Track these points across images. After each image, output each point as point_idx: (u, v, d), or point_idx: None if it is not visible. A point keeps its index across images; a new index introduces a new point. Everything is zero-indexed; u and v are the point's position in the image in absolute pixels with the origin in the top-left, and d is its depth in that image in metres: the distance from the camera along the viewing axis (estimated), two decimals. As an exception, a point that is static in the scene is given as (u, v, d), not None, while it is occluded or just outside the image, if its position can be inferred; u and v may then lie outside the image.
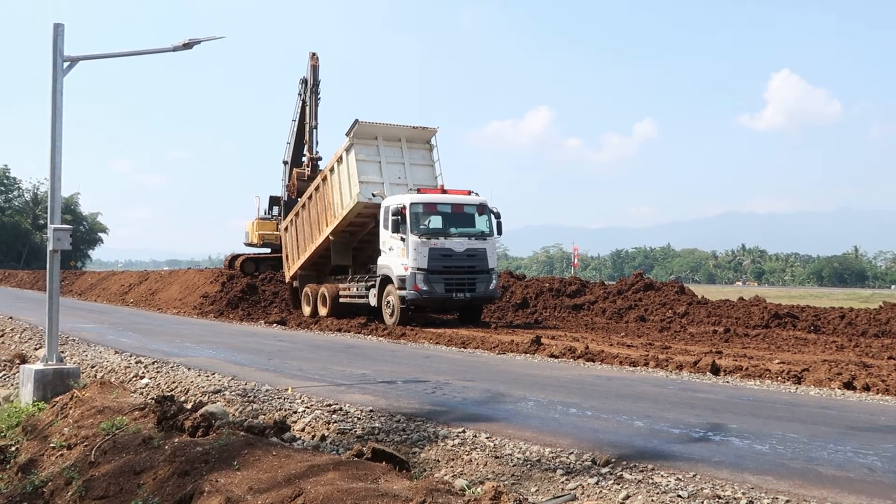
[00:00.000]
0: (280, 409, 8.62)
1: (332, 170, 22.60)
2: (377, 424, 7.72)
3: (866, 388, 10.24)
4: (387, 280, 20.48)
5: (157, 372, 11.72)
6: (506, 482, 6.02)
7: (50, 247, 9.23)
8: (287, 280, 26.67)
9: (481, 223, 20.52)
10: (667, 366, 12.38)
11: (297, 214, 25.13)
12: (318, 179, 23.64)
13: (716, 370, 11.75)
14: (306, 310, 24.39)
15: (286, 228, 26.31)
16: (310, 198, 24.11)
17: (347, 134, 21.58)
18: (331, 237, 22.60)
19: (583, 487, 5.78)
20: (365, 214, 21.68)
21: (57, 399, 8.69)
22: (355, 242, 23.01)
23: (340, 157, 22.01)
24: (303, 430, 7.87)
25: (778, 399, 9.46)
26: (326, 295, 23.28)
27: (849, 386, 10.39)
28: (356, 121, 21.42)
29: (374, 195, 20.94)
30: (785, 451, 6.58)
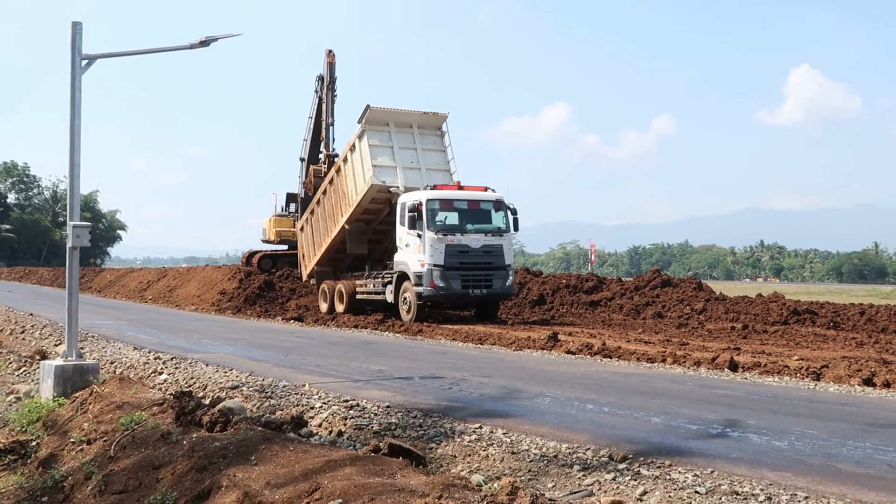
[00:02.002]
0: (297, 405, 8.66)
1: (345, 159, 22.69)
2: (394, 420, 7.73)
3: (886, 385, 10.15)
4: (403, 276, 20.51)
5: (176, 368, 11.80)
6: (522, 478, 6.01)
7: (69, 244, 9.30)
8: (304, 279, 26.76)
9: (498, 220, 20.49)
10: (684, 362, 12.33)
11: (311, 212, 25.22)
12: (332, 172, 23.71)
13: (734, 367, 11.69)
14: (323, 306, 24.46)
15: (302, 228, 26.38)
16: (324, 192, 24.19)
17: (359, 121, 21.68)
18: (346, 226, 22.60)
19: (600, 483, 5.77)
20: (379, 200, 21.71)
21: (77, 394, 8.76)
22: (371, 232, 23.03)
23: (353, 145, 22.10)
24: (320, 425, 7.90)
25: (797, 396, 9.40)
26: (343, 291, 23.33)
27: (868, 382, 10.30)
28: (367, 106, 21.52)
29: (389, 189, 20.98)
30: (804, 447, 6.53)
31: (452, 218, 20.36)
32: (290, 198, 34.58)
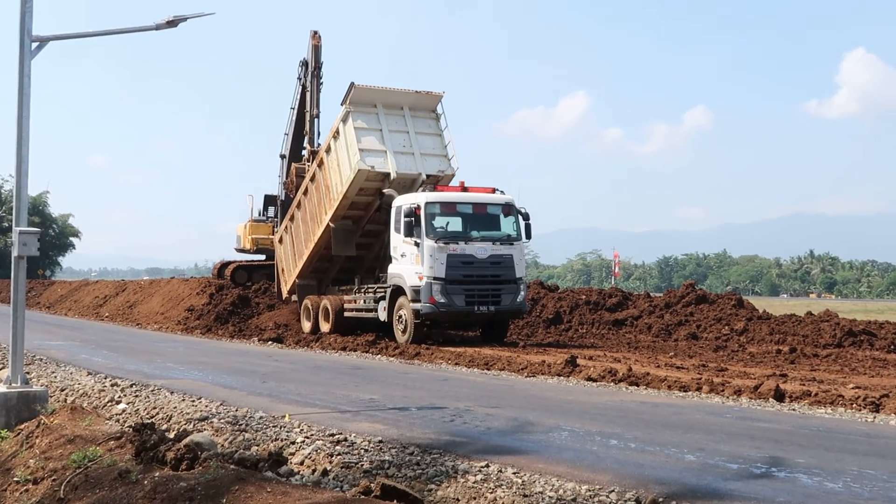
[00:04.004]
0: (276, 439, 8.64)
1: (328, 150, 22.77)
2: (387, 457, 7.71)
3: (957, 418, 10.12)
4: (398, 291, 20.50)
5: (136, 396, 11.78)
6: (536, 524, 5.99)
7: (15, 252, 9.31)
8: (284, 297, 26.74)
9: (507, 225, 20.50)
10: (723, 391, 12.30)
11: (291, 218, 25.25)
12: (314, 166, 23.76)
13: (780, 396, 11.66)
14: (306, 325, 24.46)
15: (280, 239, 26.40)
16: (305, 193, 24.24)
17: (343, 102, 21.77)
18: (331, 224, 22.61)
19: (625, 531, 5.75)
20: (368, 191, 21.77)
21: (22, 426, 8.75)
22: (359, 232, 23.03)
23: (336, 131, 22.20)
24: (302, 463, 7.88)
25: (853, 430, 9.37)
26: (329, 308, 23.33)
27: (936, 415, 10.27)
28: (352, 84, 21.61)
29: (380, 177, 20.88)
30: (861, 489, 6.51)
31: (455, 224, 20.38)
32: (269, 200, 34.59)
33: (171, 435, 7.92)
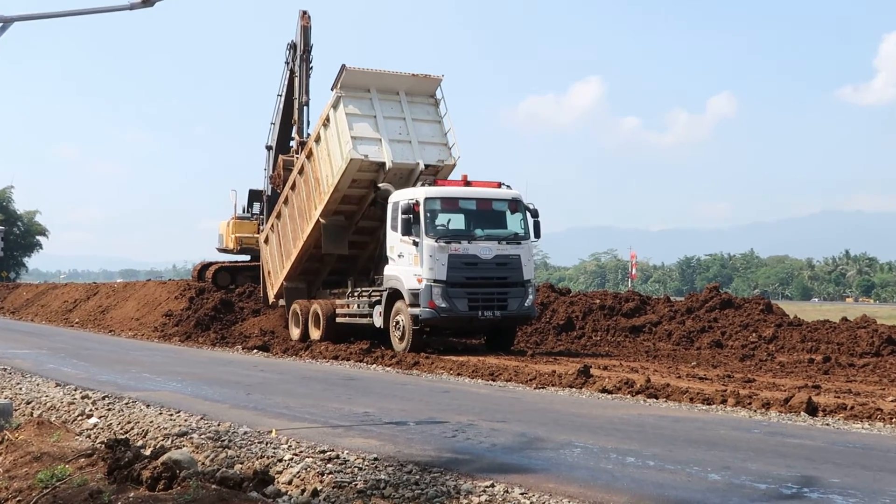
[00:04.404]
0: (261, 457, 8.64)
1: (317, 139, 22.79)
2: (383, 476, 7.71)
3: None
4: (395, 295, 20.50)
5: (109, 409, 11.78)
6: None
7: (-24, 253, 9.30)
8: (271, 301, 26.74)
9: (514, 223, 20.50)
10: (750, 404, 12.30)
11: (278, 216, 25.27)
12: (303, 157, 23.76)
13: (812, 410, 11.65)
14: (294, 332, 24.48)
15: (266, 239, 26.40)
16: (293, 187, 24.25)
17: (333, 87, 21.79)
18: (321, 220, 22.60)
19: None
20: (361, 182, 21.79)
21: (-16, 443, 8.74)
22: (352, 229, 23.03)
23: (327, 118, 22.22)
24: (290, 482, 7.88)
25: (892, 446, 9.37)
26: (320, 313, 23.34)
27: (983, 430, 10.26)
28: (343, 67, 21.62)
29: (374, 167, 20.88)
30: (902, 512, 6.50)
31: (457, 221, 20.38)
32: (254, 196, 34.61)
33: (147, 452, 7.91)
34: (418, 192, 20.04)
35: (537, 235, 20.79)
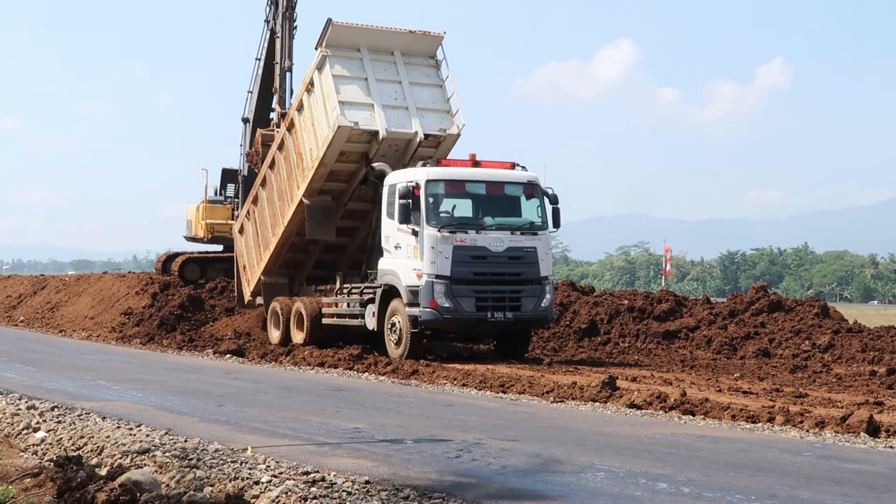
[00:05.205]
0: (235, 479, 8.65)
1: (300, 107, 22.75)
2: (376, 502, 7.73)
3: None
4: (391, 292, 20.50)
5: (59, 422, 11.79)
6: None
7: None
8: (247, 300, 26.66)
9: (530, 211, 20.51)
10: (801, 422, 12.30)
11: (255, 201, 25.16)
12: (283, 131, 23.69)
13: (874, 430, 11.64)
14: (274, 335, 24.48)
15: (241, 229, 26.28)
16: (272, 166, 24.16)
17: (318, 45, 21.74)
18: (305, 200, 22.51)
19: None
20: (350, 156, 21.78)
21: (-86, 459, 8.77)
22: (341, 212, 22.96)
23: (310, 82, 22.17)
24: (268, 508, 7.90)
25: (966, 473, 9.37)
26: (303, 313, 23.32)
27: None
28: (329, 22, 21.54)
29: (366, 136, 20.90)
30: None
31: (464, 207, 20.38)
32: (228, 176, 34.63)
33: (103, 472, 7.94)
34: (419, 174, 19.97)
35: (556, 225, 20.78)
